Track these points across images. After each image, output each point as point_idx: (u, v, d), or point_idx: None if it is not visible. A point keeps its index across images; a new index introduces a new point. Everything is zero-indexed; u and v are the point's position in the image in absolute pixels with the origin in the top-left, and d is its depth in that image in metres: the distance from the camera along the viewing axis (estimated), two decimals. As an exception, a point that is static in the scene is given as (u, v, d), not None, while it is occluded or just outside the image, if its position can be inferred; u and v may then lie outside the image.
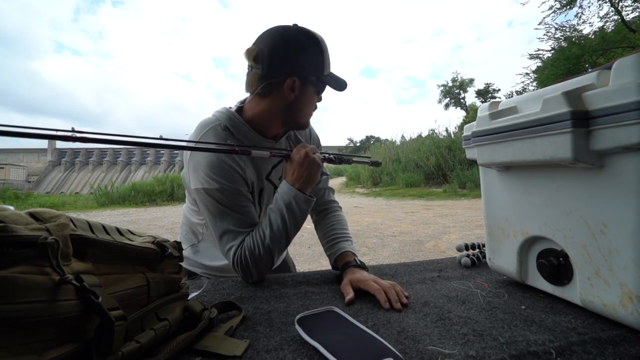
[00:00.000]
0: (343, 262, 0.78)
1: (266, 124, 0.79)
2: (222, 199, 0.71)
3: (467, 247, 0.91)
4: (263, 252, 0.70)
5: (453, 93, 28.38)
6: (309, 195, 0.74)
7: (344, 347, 0.43)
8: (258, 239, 0.71)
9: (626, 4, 10.16)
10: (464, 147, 0.75)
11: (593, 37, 11.03)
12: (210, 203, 0.72)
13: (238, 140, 0.77)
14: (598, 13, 12.24)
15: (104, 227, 0.43)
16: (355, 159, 0.94)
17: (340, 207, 0.99)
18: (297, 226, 0.74)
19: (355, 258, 0.78)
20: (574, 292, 0.57)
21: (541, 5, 11.27)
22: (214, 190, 0.71)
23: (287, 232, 0.72)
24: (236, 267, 0.72)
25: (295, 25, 0.75)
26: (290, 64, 0.71)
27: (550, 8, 10.91)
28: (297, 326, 0.49)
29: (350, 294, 0.64)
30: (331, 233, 0.88)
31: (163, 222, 6.62)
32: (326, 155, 0.84)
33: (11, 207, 0.34)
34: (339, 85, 0.79)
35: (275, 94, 0.74)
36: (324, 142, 1.05)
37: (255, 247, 0.70)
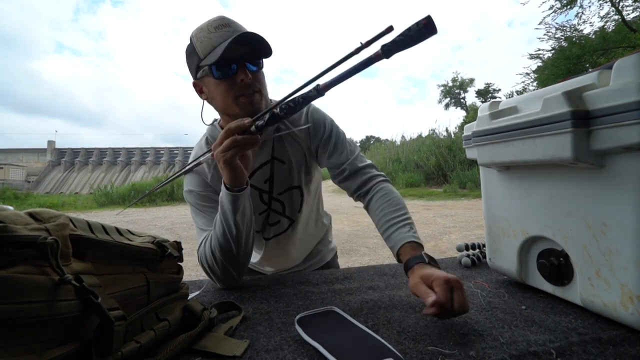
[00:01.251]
0: (406, 257, 0.64)
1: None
2: (193, 200, 0.81)
3: (467, 247, 0.91)
4: (212, 248, 0.71)
5: (453, 93, 28.37)
6: (235, 191, 0.67)
7: (344, 347, 0.43)
8: (211, 235, 0.73)
9: (627, 3, 10.16)
10: (464, 147, 0.75)
11: (593, 37, 11.01)
12: (188, 204, 0.83)
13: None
14: (598, 13, 12.23)
15: (103, 227, 0.43)
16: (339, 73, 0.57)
17: (387, 180, 0.83)
18: (228, 222, 0.68)
19: (423, 253, 0.63)
20: (574, 292, 0.57)
21: (541, 5, 11.24)
22: (186, 193, 0.82)
23: (223, 229, 0.69)
24: (200, 263, 0.75)
25: None
26: (191, 73, 0.76)
27: (551, 8, 10.89)
28: (297, 326, 0.49)
29: (431, 296, 0.51)
30: (382, 221, 0.74)
31: (163, 222, 6.63)
32: (260, 122, 0.63)
33: (11, 207, 0.34)
34: (219, 54, 0.65)
35: (209, 102, 0.79)
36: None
37: (210, 242, 0.72)
